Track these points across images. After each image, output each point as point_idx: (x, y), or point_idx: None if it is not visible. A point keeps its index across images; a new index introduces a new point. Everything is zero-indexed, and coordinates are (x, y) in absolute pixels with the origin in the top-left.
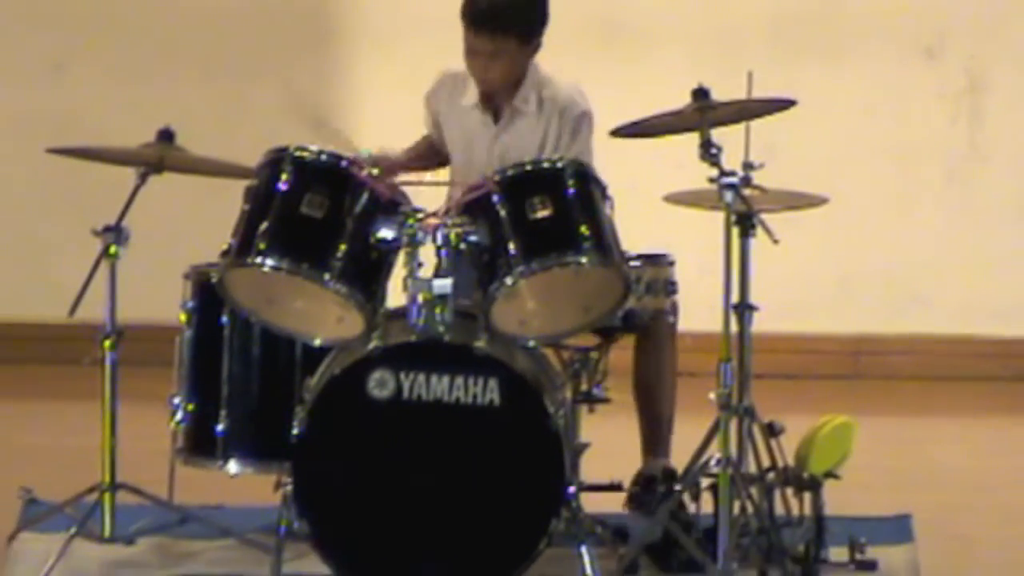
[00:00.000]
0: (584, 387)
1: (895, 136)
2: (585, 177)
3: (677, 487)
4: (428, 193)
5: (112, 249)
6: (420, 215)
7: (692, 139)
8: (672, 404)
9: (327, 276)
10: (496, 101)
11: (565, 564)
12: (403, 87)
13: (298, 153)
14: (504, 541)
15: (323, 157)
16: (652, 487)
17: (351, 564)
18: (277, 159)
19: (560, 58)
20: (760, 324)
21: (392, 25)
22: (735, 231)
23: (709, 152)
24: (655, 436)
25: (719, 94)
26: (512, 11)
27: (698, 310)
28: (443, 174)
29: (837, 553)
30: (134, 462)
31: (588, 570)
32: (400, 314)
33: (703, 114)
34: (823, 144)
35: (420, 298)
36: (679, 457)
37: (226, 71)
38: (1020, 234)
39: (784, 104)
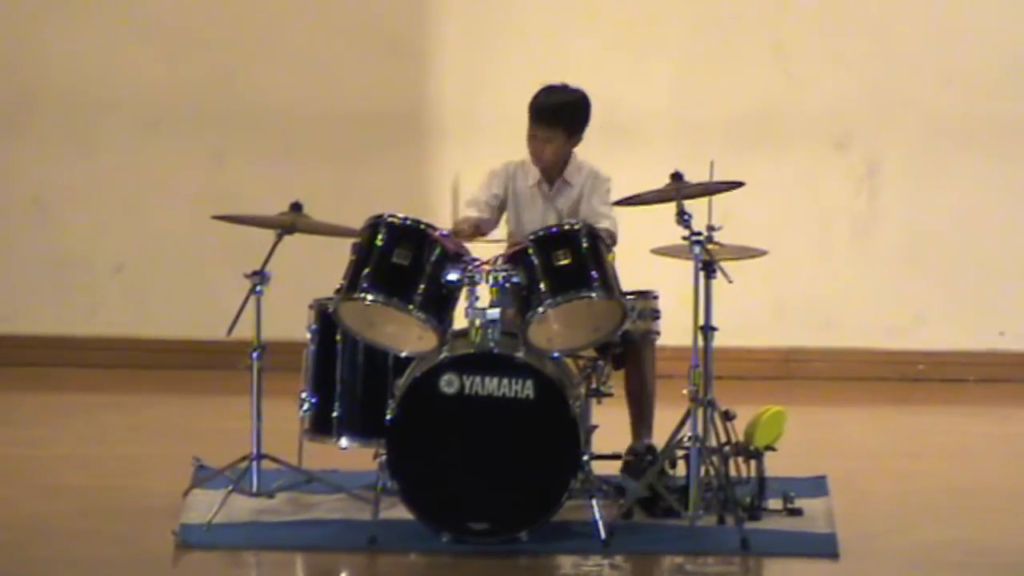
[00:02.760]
0: (594, 385)
1: (815, 205)
2: (594, 236)
3: (659, 457)
4: (482, 248)
5: (258, 287)
6: (477, 263)
7: (670, 208)
8: (654, 396)
9: (411, 307)
10: (549, 178)
11: (580, 512)
12: (470, 168)
13: (390, 219)
14: (536, 495)
15: (408, 222)
16: (639, 459)
17: (428, 511)
18: (375, 223)
19: (581, 150)
20: (719, 340)
21: (466, 123)
22: (701, 274)
23: (683, 218)
24: (641, 421)
25: (689, 177)
26: (563, 112)
27: (675, 330)
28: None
29: (774, 503)
30: (274, 439)
31: (597, 516)
32: (463, 333)
33: (679, 190)
34: (764, 211)
35: (477, 322)
36: (661, 435)
37: (340, 159)
38: (905, 275)
39: (735, 184)
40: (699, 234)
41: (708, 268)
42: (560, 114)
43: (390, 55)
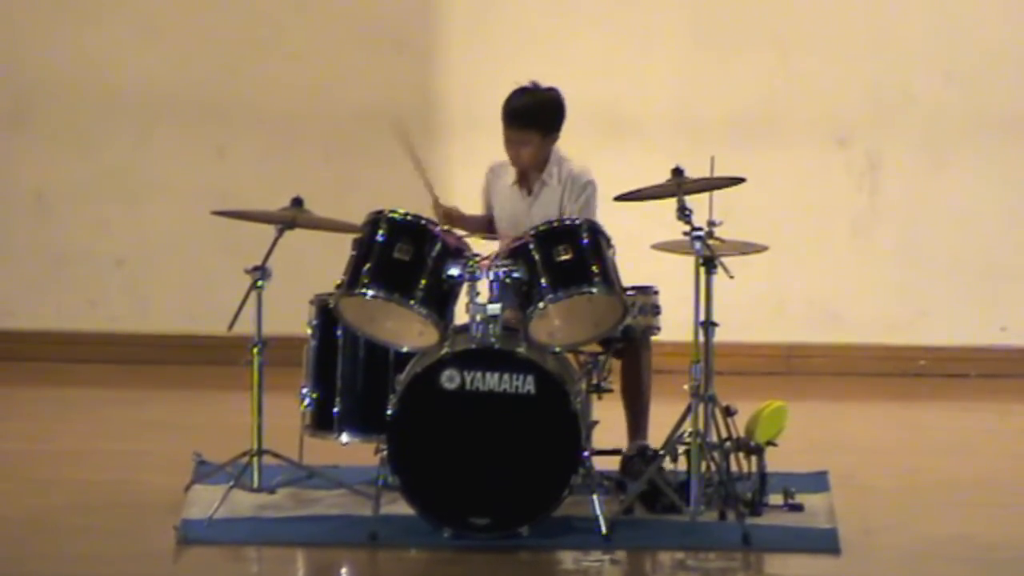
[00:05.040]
0: (594, 381)
1: (816, 200)
2: (595, 231)
3: (660, 453)
4: (483, 243)
5: (259, 282)
6: (478, 258)
7: (671, 204)
8: (649, 396)
9: (412, 302)
10: (529, 178)
11: (581, 507)
12: (473, 166)
13: (391, 214)
14: (538, 491)
15: (409, 217)
16: (637, 460)
17: (429, 506)
18: (376, 219)
19: (577, 146)
20: (720, 336)
21: (469, 120)
22: (702, 270)
23: (684, 213)
24: (637, 421)
25: (690, 172)
26: (535, 114)
27: (676, 326)
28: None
29: (775, 499)
30: (275, 434)
31: (598, 512)
32: (464, 329)
33: (679, 186)
34: (765, 207)
35: (478, 318)
36: (661, 431)
37: (341, 155)
38: (906, 271)
39: (736, 180)
40: (700, 230)
41: (709, 264)
42: (532, 116)
43: (393, 51)
